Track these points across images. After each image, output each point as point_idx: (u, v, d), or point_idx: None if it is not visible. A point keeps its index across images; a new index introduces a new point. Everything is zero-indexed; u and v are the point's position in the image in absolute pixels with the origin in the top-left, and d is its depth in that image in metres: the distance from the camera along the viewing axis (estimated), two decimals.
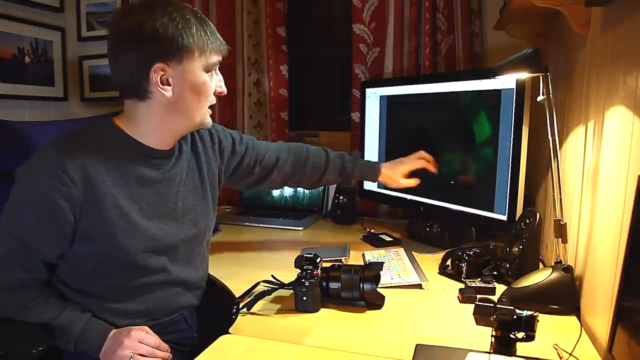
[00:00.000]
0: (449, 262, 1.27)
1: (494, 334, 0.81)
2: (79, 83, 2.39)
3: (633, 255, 0.69)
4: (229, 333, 0.96)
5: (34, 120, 2.12)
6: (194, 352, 0.89)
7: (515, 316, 0.79)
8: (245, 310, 1.04)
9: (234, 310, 1.04)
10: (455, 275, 1.23)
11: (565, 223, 1.06)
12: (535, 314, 0.79)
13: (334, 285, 1.05)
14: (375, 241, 1.57)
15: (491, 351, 0.81)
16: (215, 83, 0.99)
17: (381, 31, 1.88)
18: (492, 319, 0.80)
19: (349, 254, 1.42)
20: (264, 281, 1.15)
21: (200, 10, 2.06)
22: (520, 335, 0.79)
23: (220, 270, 1.28)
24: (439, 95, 1.53)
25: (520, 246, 1.15)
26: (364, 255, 1.42)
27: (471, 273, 1.19)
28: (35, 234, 0.91)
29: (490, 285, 1.12)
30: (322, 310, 1.05)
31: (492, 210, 1.35)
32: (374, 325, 0.99)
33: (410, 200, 1.65)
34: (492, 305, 0.82)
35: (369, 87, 1.81)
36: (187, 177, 1.07)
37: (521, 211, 1.26)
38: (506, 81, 1.28)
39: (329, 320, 1.02)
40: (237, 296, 1.10)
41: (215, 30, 0.96)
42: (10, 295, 0.94)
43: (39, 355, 0.91)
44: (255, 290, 1.12)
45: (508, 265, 1.17)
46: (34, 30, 2.18)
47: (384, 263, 1.23)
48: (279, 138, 2.09)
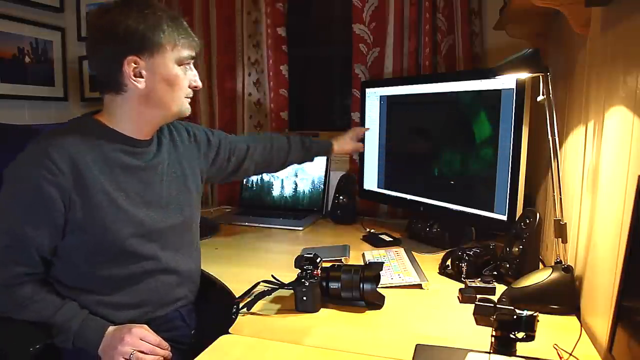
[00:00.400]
0: (449, 262, 1.27)
1: (494, 334, 0.81)
2: (79, 83, 2.39)
3: (633, 255, 0.69)
4: (228, 333, 0.96)
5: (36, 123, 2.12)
6: (192, 350, 0.90)
7: (515, 316, 0.79)
8: (245, 310, 1.04)
9: (234, 310, 1.04)
10: (455, 275, 1.23)
11: (565, 223, 1.06)
12: (535, 314, 0.79)
13: (334, 285, 1.05)
14: (375, 241, 1.57)
15: (491, 351, 0.81)
16: (190, 77, 1.05)
17: (381, 31, 1.88)
18: (492, 319, 0.80)
19: (349, 254, 1.42)
20: (264, 281, 1.16)
21: (200, 10, 2.11)
22: (520, 335, 0.79)
23: (220, 270, 1.28)
24: (439, 95, 1.53)
25: (520, 246, 1.15)
26: (364, 255, 1.42)
27: (471, 273, 1.19)
28: (27, 226, 0.93)
29: (490, 285, 1.12)
30: (322, 310, 1.06)
31: (492, 210, 1.35)
32: (374, 325, 0.99)
33: (410, 200, 1.65)
34: (492, 305, 0.82)
35: (369, 87, 1.81)
36: (169, 168, 1.12)
37: (521, 211, 1.26)
38: (506, 81, 1.28)
39: (329, 320, 1.02)
40: (237, 296, 1.11)
41: (187, 28, 1.03)
42: (7, 293, 0.95)
43: (37, 353, 0.91)
44: (255, 290, 1.12)
45: (508, 265, 1.17)
46: (34, 30, 2.17)
47: (384, 263, 1.24)
48: None
